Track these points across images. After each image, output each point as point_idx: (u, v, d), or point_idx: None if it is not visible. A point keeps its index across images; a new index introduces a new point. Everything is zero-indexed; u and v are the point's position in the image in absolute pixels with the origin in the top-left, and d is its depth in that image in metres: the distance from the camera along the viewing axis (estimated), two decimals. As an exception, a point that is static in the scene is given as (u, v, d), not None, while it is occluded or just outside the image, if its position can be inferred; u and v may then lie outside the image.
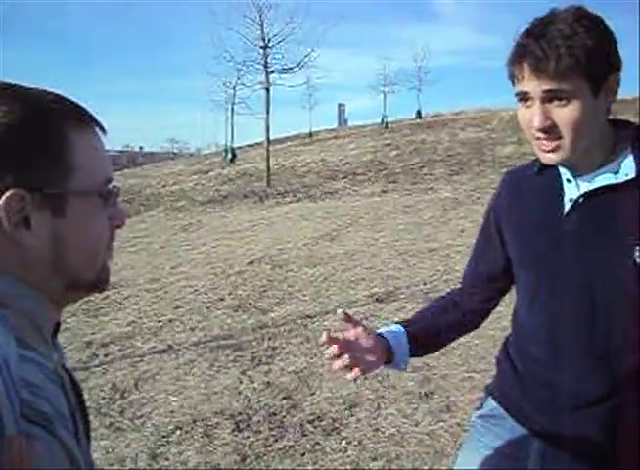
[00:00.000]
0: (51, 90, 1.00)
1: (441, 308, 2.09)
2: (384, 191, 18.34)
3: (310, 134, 42.44)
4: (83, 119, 1.00)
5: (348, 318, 1.82)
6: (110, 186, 1.03)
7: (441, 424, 4.57)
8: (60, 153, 0.94)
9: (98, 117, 1.04)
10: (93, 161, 0.99)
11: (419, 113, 42.80)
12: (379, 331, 1.92)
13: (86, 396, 4.37)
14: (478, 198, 15.37)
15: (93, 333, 7.34)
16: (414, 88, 45.74)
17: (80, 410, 1.00)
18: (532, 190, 1.80)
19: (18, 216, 0.90)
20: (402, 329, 1.95)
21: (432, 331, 2.03)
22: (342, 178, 21.33)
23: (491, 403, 2.02)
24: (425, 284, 8.44)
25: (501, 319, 6.65)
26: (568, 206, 1.68)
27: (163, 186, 25.87)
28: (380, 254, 10.59)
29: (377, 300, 7.88)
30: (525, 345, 1.90)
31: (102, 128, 1.04)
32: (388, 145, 27.15)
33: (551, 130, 1.56)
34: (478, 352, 5.94)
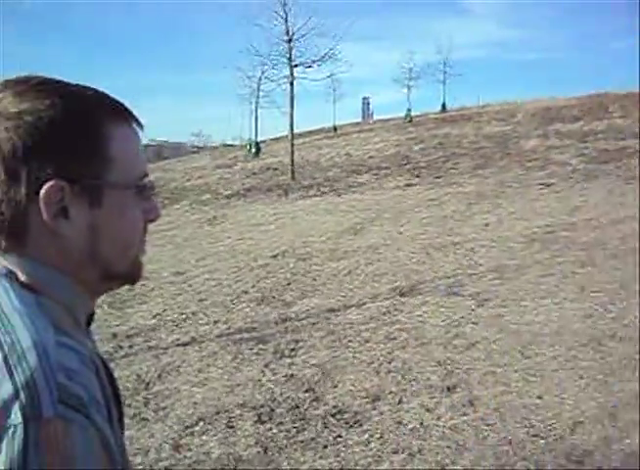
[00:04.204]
0: (91, 86, 1.02)
1: None
2: (408, 185, 18.27)
3: (334, 128, 42.22)
4: (121, 114, 1.02)
5: None
6: (145, 180, 1.04)
7: (464, 418, 4.56)
8: (98, 146, 0.96)
9: (135, 113, 1.05)
10: (130, 154, 1.01)
11: (443, 106, 42.53)
12: None
13: (111, 386, 4.33)
14: (502, 192, 15.29)
15: (118, 325, 7.41)
16: (439, 82, 45.47)
17: (114, 397, 1.02)
18: None
19: (57, 207, 0.92)
20: None
21: None
22: (366, 172, 21.29)
23: None
24: (448, 278, 8.40)
25: (525, 313, 6.66)
26: None
27: (188, 180, 25.99)
28: (403, 247, 10.57)
29: (400, 293, 7.87)
30: None
31: (139, 123, 1.06)
32: (413, 139, 27.03)
33: None
34: (501, 346, 5.92)
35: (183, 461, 4.24)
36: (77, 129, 0.94)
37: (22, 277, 0.92)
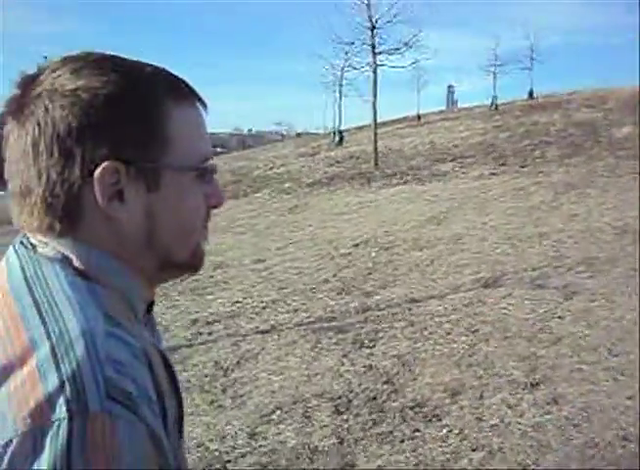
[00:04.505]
0: (151, 63, 0.96)
1: None
2: (493, 174, 17.90)
3: (419, 116, 41.91)
4: (183, 93, 0.96)
5: None
6: (208, 163, 0.98)
7: (548, 417, 4.38)
8: (157, 126, 0.91)
9: (199, 92, 0.99)
10: (191, 135, 0.95)
11: (531, 93, 41.58)
12: None
13: (190, 372, 4.45)
14: (592, 181, 14.76)
15: (198, 311, 7.49)
16: (526, 68, 44.46)
17: (174, 392, 0.97)
18: None
19: (112, 190, 0.88)
20: None
21: None
22: (451, 161, 20.97)
23: None
24: (534, 270, 8.15)
25: (614, 310, 6.37)
26: None
27: (271, 168, 26.21)
28: (487, 238, 10.33)
29: (483, 285, 7.67)
30: None
31: (203, 103, 0.99)
32: (499, 127, 26.48)
33: None
34: (589, 342, 5.68)
35: (258, 450, 4.22)
36: (134, 108, 0.89)
37: (77, 263, 0.88)
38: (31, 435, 0.71)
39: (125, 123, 0.88)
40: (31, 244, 0.91)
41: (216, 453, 4.20)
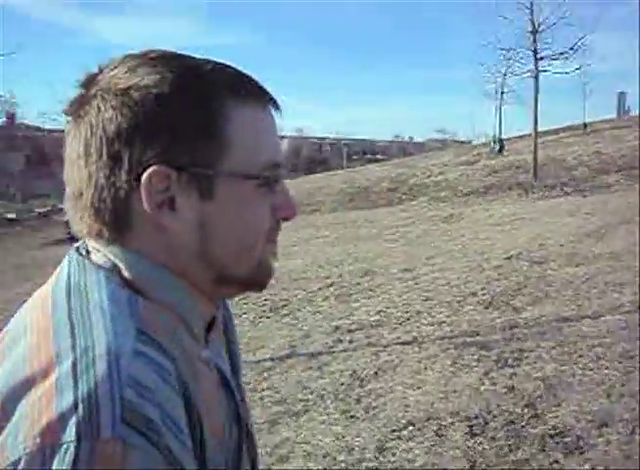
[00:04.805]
0: (216, 59, 0.88)
1: None
2: (664, 187, 16.80)
3: (585, 125, 40.20)
4: (248, 92, 0.87)
5: None
6: (276, 171, 0.89)
7: None
8: (213, 128, 0.83)
9: (270, 92, 0.90)
10: (254, 139, 0.86)
11: None
12: None
13: (326, 380, 4.40)
14: None
15: (341, 318, 7.49)
16: None
17: (233, 419, 0.90)
18: None
19: (161, 197, 0.82)
20: None
21: None
22: (617, 172, 19.93)
23: None
24: None
25: None
26: None
27: (428, 176, 26.02)
28: (653, 256, 9.64)
29: (643, 307, 7.15)
30: None
31: (275, 104, 0.90)
32: (674, 137, 24.85)
33: None
34: None
35: (385, 465, 4.12)
36: (188, 108, 0.82)
37: (125, 272, 0.82)
38: (40, 455, 0.65)
39: (177, 125, 0.81)
40: (87, 250, 0.87)
41: (343, 465, 4.14)
